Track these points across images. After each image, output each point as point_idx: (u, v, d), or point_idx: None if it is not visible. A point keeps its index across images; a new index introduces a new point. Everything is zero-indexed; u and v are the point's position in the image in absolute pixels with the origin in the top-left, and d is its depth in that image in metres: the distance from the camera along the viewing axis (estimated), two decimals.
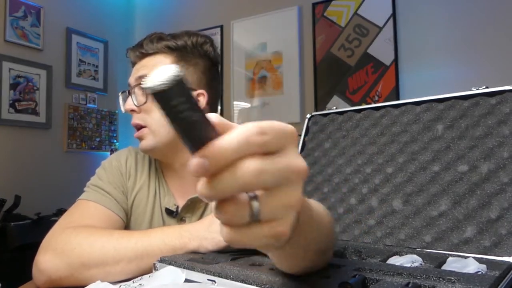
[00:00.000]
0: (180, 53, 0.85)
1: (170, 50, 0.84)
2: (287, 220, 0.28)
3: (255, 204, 0.27)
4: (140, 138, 0.83)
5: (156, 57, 0.84)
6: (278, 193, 0.27)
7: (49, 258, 0.68)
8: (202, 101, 0.87)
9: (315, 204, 0.44)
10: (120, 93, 0.89)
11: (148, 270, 0.64)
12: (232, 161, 0.26)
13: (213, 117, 0.27)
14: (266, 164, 0.26)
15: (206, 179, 0.26)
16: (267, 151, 0.27)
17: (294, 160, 0.28)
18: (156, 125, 0.81)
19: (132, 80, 0.85)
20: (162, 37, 0.85)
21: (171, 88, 0.23)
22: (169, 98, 0.23)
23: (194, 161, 0.25)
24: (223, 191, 0.26)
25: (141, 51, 0.85)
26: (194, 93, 0.86)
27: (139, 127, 0.83)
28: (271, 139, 0.27)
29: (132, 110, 0.82)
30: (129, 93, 0.84)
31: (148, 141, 0.82)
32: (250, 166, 0.26)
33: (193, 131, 0.25)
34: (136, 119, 0.83)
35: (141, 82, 0.80)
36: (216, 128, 0.27)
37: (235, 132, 0.26)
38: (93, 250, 0.66)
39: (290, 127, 0.29)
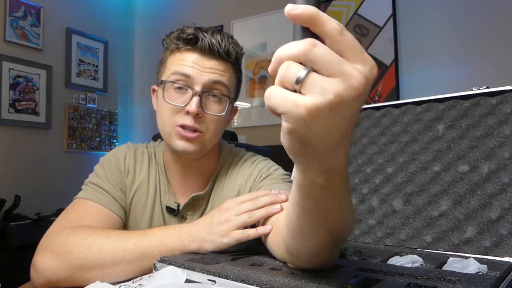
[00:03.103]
0: (240, 71, 0.87)
1: (237, 63, 0.84)
2: (317, 98, 0.31)
3: (303, 71, 0.32)
4: (190, 141, 0.79)
5: (227, 65, 0.81)
6: (328, 79, 0.31)
7: (47, 260, 0.67)
8: (233, 115, 0.89)
9: (350, 192, 0.46)
10: (194, 94, 0.78)
11: (148, 271, 0.63)
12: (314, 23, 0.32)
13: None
14: (325, 50, 0.32)
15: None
16: (329, 44, 0.33)
17: (354, 70, 0.31)
18: (211, 135, 0.81)
19: (204, 80, 0.78)
20: (235, 44, 0.83)
21: None
22: None
23: (298, 6, 0.32)
24: (291, 47, 0.32)
25: (220, 51, 0.79)
26: (234, 107, 0.88)
27: (193, 129, 0.79)
28: (350, 39, 0.33)
29: (197, 114, 0.78)
30: (197, 95, 0.77)
31: (197, 147, 0.80)
32: (311, 41, 0.32)
33: None
34: (197, 124, 0.78)
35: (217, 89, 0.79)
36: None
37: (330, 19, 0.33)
38: (91, 252, 0.65)
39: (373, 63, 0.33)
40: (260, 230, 0.66)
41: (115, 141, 3.32)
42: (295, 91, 0.32)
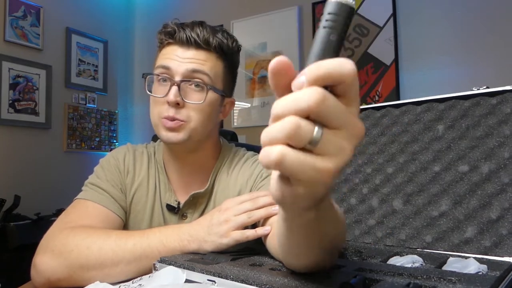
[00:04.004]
0: (228, 62, 0.84)
1: (222, 53, 0.82)
2: (338, 161, 0.29)
3: (318, 130, 0.28)
4: (173, 130, 0.79)
5: (208, 54, 0.80)
6: (337, 133, 0.29)
7: (47, 260, 0.67)
8: (229, 108, 0.89)
9: (335, 203, 0.44)
10: (172, 84, 0.78)
11: (148, 271, 0.64)
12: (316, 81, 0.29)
13: None
14: (334, 101, 0.29)
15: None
16: (339, 91, 0.30)
17: (357, 118, 0.30)
18: (196, 123, 0.79)
19: (182, 70, 0.78)
20: (216, 31, 0.81)
21: (353, 9, 0.30)
22: (350, 15, 0.30)
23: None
24: (297, 100, 0.29)
25: (198, 41, 0.79)
26: (228, 100, 0.88)
27: (175, 120, 0.79)
28: (351, 81, 0.30)
29: (177, 104, 0.78)
30: (175, 84, 0.78)
31: (181, 136, 0.79)
32: (320, 92, 0.28)
33: (333, 46, 0.31)
34: (178, 114, 0.78)
35: (197, 79, 0.78)
36: None
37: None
38: (91, 252, 0.66)
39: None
40: (259, 231, 0.66)
41: (115, 141, 3.32)
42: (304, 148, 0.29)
